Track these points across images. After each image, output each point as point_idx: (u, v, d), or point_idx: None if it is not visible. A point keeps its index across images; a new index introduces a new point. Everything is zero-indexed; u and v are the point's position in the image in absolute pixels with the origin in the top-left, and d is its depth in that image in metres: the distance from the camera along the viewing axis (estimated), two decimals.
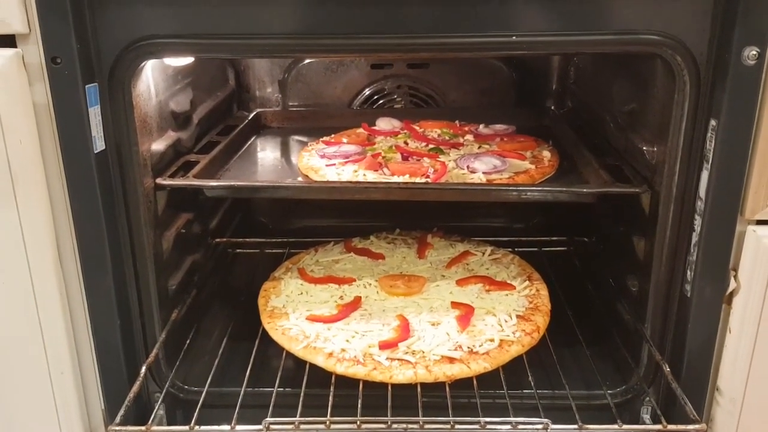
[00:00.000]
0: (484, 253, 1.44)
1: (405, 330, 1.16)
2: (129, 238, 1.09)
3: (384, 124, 1.61)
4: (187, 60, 1.34)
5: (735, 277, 1.04)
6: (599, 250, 1.50)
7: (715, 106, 0.97)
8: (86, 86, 0.97)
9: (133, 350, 1.14)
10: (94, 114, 0.99)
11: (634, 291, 1.21)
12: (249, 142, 1.57)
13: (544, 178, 1.29)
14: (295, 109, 1.78)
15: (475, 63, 1.74)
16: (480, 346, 1.11)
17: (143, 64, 1.04)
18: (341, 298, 1.29)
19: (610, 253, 1.42)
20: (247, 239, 1.67)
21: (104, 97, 1.00)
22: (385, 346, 1.12)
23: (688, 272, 1.06)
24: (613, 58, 1.37)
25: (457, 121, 1.63)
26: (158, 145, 1.20)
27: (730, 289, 1.04)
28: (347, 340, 1.14)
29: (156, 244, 1.16)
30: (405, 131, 1.56)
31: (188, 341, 1.28)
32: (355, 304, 1.26)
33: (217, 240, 1.61)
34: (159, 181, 1.17)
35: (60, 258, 1.05)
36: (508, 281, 1.32)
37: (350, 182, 1.25)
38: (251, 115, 1.67)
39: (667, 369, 1.08)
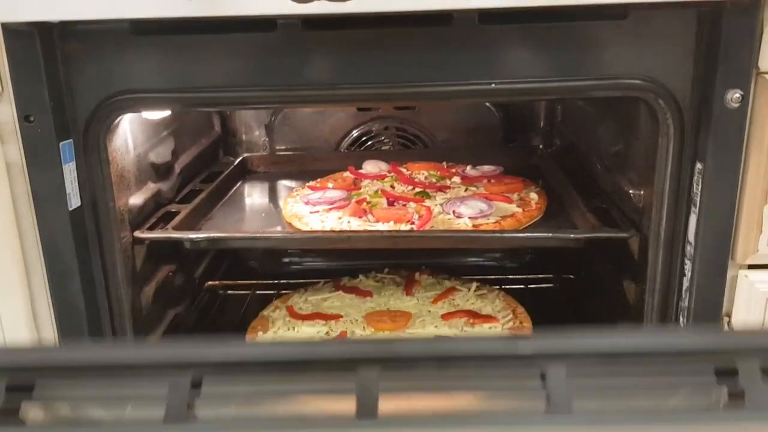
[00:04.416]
0: (469, 289, 1.43)
1: None
2: (106, 295, 1.05)
3: (371, 167, 1.59)
4: (166, 112, 1.32)
5: (728, 323, 1.01)
6: (591, 291, 1.47)
7: (701, 150, 0.95)
8: (60, 143, 0.95)
9: None
10: (69, 171, 0.97)
11: None
12: (234, 189, 1.55)
13: (531, 221, 1.26)
14: (282, 153, 1.76)
15: (462, 104, 1.72)
16: None
17: (119, 118, 1.03)
18: (327, 333, 1.28)
19: (601, 295, 1.39)
20: (238, 281, 1.63)
21: (79, 153, 0.98)
22: None
23: (681, 318, 1.03)
24: (598, 99, 1.36)
25: (444, 163, 1.61)
26: (137, 198, 1.18)
27: None
28: None
29: (134, 300, 1.13)
30: (392, 174, 1.54)
31: None
32: (341, 337, 1.24)
33: (206, 284, 1.58)
34: (137, 234, 1.15)
35: (35, 318, 1.02)
36: (493, 315, 1.32)
37: (333, 231, 1.23)
38: (236, 161, 1.65)
39: None
